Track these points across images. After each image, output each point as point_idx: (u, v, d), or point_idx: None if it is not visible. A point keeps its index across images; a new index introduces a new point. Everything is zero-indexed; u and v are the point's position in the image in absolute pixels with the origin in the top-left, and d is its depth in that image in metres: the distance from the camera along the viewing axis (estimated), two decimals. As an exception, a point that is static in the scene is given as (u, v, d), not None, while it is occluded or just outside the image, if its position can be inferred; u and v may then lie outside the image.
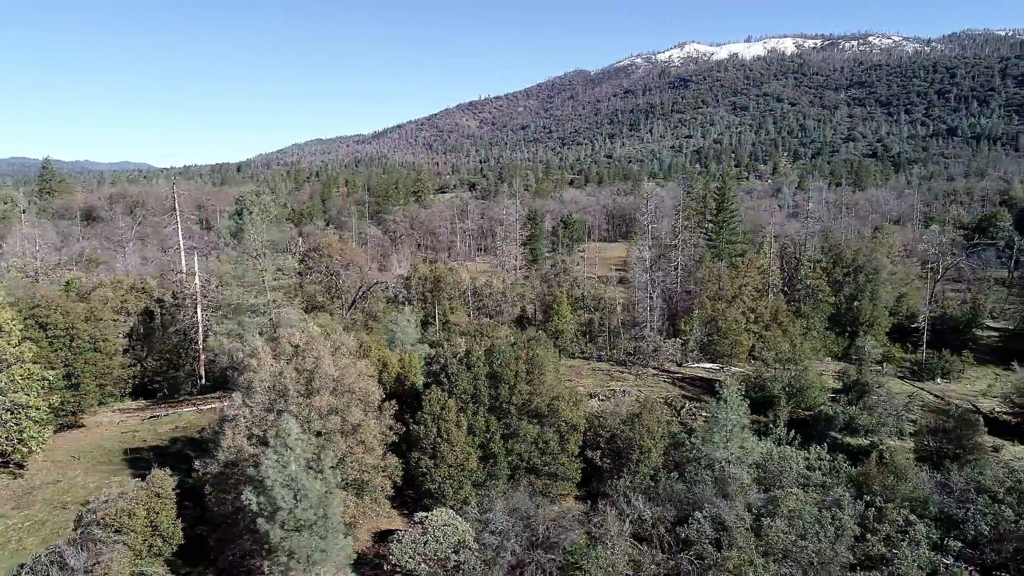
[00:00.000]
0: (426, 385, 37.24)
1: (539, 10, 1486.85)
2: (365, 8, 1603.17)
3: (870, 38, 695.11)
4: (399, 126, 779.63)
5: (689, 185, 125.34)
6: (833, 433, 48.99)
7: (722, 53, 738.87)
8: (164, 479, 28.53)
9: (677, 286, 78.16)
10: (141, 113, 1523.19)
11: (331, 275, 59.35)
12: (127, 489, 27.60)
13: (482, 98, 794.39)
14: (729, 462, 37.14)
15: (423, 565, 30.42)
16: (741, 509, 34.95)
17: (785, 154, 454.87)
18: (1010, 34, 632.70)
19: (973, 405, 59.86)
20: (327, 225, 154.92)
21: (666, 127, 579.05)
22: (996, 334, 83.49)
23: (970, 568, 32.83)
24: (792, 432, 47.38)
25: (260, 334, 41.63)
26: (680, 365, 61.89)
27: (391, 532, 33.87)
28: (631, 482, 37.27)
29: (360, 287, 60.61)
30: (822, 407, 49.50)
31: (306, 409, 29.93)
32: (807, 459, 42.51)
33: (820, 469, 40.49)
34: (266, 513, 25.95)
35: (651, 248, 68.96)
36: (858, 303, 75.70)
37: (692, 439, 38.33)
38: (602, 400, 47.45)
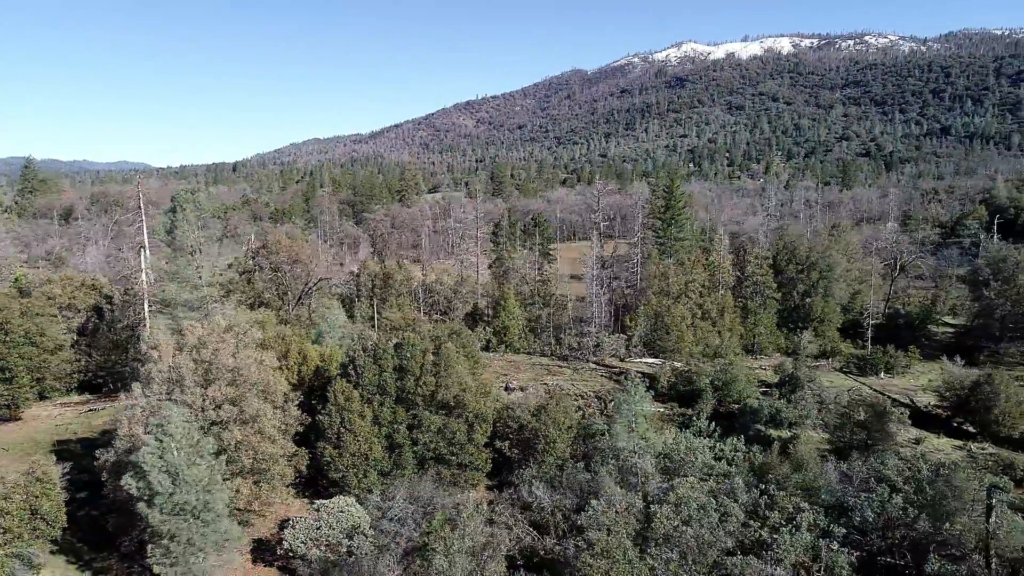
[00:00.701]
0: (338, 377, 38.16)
1: (537, 10, 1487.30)
2: (364, 8, 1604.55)
3: (866, 37, 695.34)
4: (396, 125, 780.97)
5: (656, 184, 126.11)
6: (758, 425, 49.89)
7: (719, 53, 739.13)
8: (48, 467, 29.50)
9: (637, 283, 79.15)
10: (140, 113, 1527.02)
11: (276, 272, 60.36)
12: (6, 475, 28.56)
13: (479, 98, 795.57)
14: (634, 452, 38.04)
15: (315, 550, 31.39)
16: (637, 497, 35.98)
17: (779, 153, 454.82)
18: (1006, 33, 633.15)
19: (910, 399, 60.80)
20: (307, 224, 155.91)
21: (661, 126, 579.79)
22: (952, 330, 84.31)
23: (856, 553, 33.73)
24: (718, 424, 48.48)
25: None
26: (623, 360, 62.81)
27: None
28: (537, 471, 38.30)
29: (306, 284, 61.76)
30: (748, 400, 50.39)
31: (201, 399, 30.88)
32: (720, 449, 43.54)
33: (727, 459, 41.47)
34: (145, 498, 26.94)
35: (603, 246, 69.75)
36: (810, 299, 76.57)
37: (600, 430, 39.27)
38: (524, 393, 48.39)
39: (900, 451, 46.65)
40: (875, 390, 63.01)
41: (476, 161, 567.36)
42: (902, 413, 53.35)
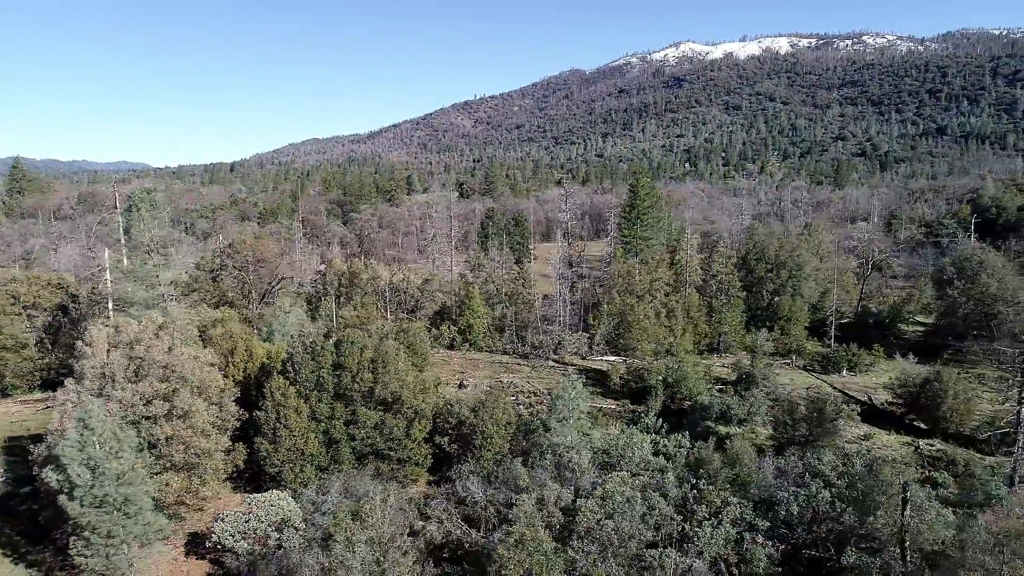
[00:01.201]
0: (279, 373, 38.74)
1: (536, 10, 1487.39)
2: (362, 8, 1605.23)
3: (864, 37, 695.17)
4: (395, 126, 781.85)
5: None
6: (708, 422, 50.39)
7: (717, 52, 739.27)
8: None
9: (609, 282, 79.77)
10: (140, 113, 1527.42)
11: (238, 270, 61.00)
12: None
13: (477, 98, 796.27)
14: (570, 448, 38.60)
15: (243, 543, 31.97)
16: (569, 491, 36.58)
17: (775, 153, 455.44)
18: (1004, 33, 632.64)
19: (869, 396, 61.34)
20: (292, 224, 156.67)
21: (658, 126, 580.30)
22: (923, 329, 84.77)
23: (781, 546, 34.30)
24: (669, 420, 49.17)
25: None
26: (584, 358, 63.36)
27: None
28: (475, 466, 38.86)
29: (270, 283, 62.37)
30: (698, 397, 50.94)
31: (132, 394, 31.47)
32: (663, 445, 44.12)
33: (664, 454, 42.05)
34: (66, 490, 27.54)
35: (571, 245, 70.30)
36: (779, 298, 77.13)
37: (539, 426, 39.84)
38: (467, 389, 48.98)
39: (847, 447, 47.31)
40: (835, 388, 63.58)
41: (474, 161, 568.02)
42: (852, 410, 54.01)
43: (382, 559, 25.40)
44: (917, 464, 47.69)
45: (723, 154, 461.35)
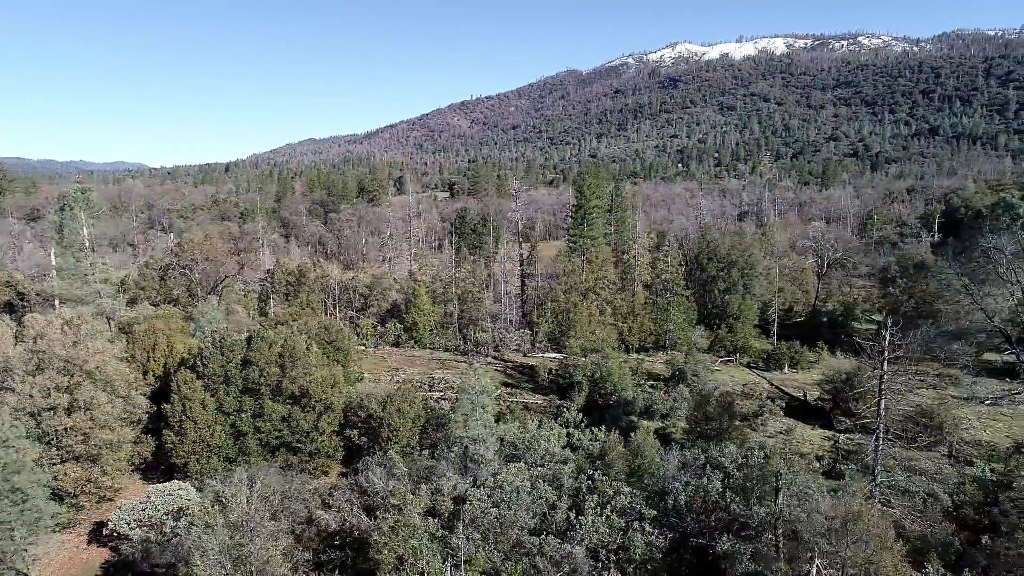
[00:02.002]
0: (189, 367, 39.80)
1: (532, 10, 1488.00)
2: (361, 8, 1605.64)
3: (860, 38, 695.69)
4: (391, 126, 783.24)
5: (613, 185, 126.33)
6: (632, 416, 51.43)
7: (713, 53, 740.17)
8: None
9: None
10: (138, 114, 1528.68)
11: (183, 269, 62.11)
12: None
13: (474, 98, 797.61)
14: (474, 440, 39.65)
15: (138, 530, 33.05)
16: (465, 482, 37.63)
17: (768, 154, 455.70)
18: (999, 33, 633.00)
19: (804, 392, 62.38)
20: (271, 223, 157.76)
21: (653, 127, 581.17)
22: (875, 327, 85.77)
23: (670, 534, 35.35)
24: (596, 415, 50.26)
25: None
26: (525, 355, 64.40)
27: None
28: (381, 458, 39.95)
29: (216, 281, 63.45)
30: (623, 392, 51.97)
31: (29, 387, 32.54)
32: (576, 438, 45.22)
33: (578, 447, 43.13)
34: (-50, 479, 28.65)
35: (521, 244, 71.35)
36: (729, 296, 78.18)
37: (447, 419, 40.90)
38: (383, 384, 50.11)
39: (767, 441, 48.30)
40: (772, 384, 64.78)
41: (469, 162, 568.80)
42: (777, 406, 55.34)
43: (246, 542, 26.43)
44: (831, 457, 48.88)
45: (716, 155, 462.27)
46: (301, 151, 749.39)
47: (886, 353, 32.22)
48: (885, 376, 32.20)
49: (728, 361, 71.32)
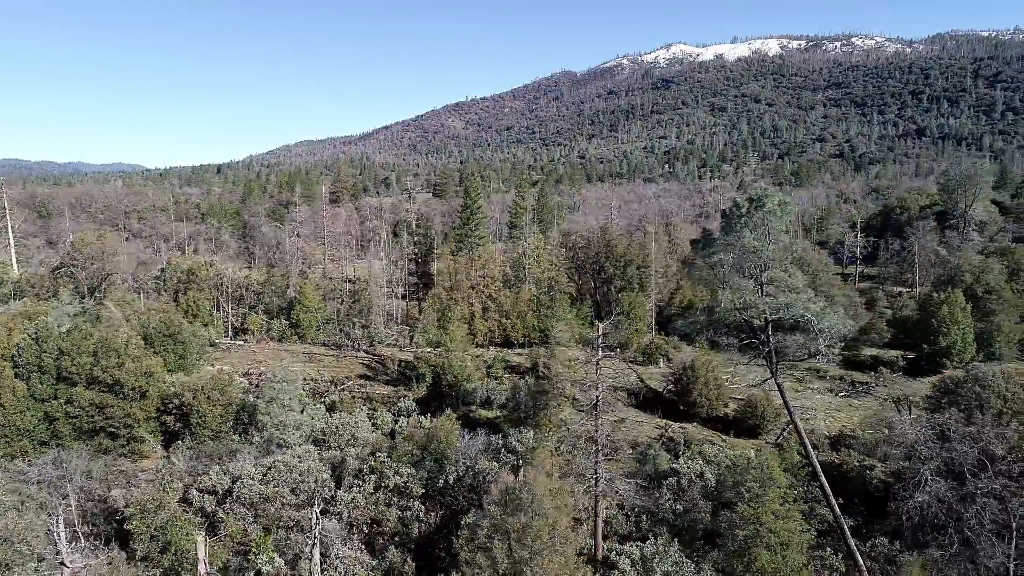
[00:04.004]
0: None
1: (528, 11, 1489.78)
2: (359, 8, 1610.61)
3: (853, 39, 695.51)
4: (386, 127, 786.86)
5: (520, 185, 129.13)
6: (472, 405, 54.23)
7: (708, 54, 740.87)
8: None
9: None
10: (137, 115, 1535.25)
11: (69, 267, 65.00)
12: None
13: (468, 99, 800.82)
14: (278, 426, 42.45)
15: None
16: (264, 463, 40.42)
17: (755, 155, 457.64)
18: (993, 34, 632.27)
19: (665, 384, 64.97)
20: (232, 225, 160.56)
21: (643, 128, 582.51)
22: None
23: (442, 512, 38.05)
24: (435, 404, 53.05)
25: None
26: (402, 350, 67.05)
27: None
28: (192, 443, 42.78)
29: (100, 279, 66.33)
30: (465, 384, 54.59)
31: None
32: (400, 425, 47.97)
33: (383, 432, 45.89)
34: None
35: (414, 244, 73.82)
36: (622, 294, 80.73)
37: (254, 407, 43.64)
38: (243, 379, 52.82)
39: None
40: (639, 376, 67.38)
41: (461, 163, 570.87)
42: (617, 397, 57.99)
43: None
44: (659, 442, 51.48)
45: (703, 155, 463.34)
46: (297, 152, 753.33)
47: (600, 341, 34.63)
48: (600, 364, 34.61)
49: (608, 356, 73.63)
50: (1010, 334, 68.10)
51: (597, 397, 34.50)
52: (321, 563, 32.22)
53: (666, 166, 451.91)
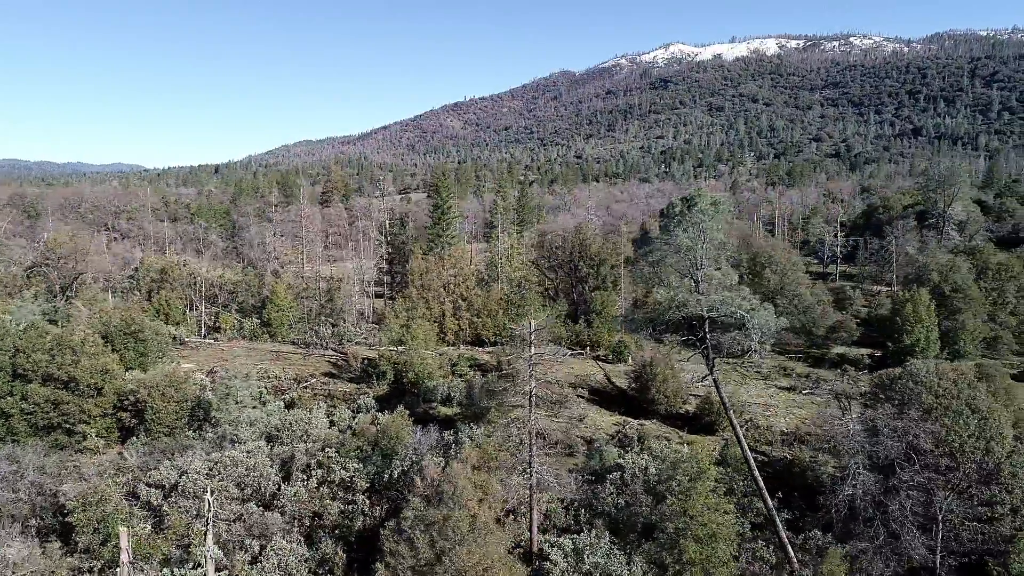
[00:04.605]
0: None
1: (528, 11, 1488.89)
2: (358, 9, 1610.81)
3: (851, 39, 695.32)
4: (385, 127, 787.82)
5: (498, 186, 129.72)
6: (434, 402, 54.94)
7: (706, 54, 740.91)
8: None
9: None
10: (137, 115, 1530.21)
11: (42, 266, 65.85)
12: None
13: (467, 99, 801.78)
14: (231, 423, 43.21)
15: None
16: (200, 458, 41.16)
17: (752, 154, 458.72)
18: (991, 34, 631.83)
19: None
20: (222, 225, 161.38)
21: (641, 127, 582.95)
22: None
23: (387, 505, 38.83)
24: (397, 401, 53.80)
25: None
26: (371, 348, 67.78)
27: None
28: (146, 439, 43.55)
29: (73, 278, 67.10)
30: (426, 381, 55.30)
31: None
32: (356, 421, 48.77)
33: (339, 428, 46.72)
34: None
35: (387, 243, 74.57)
36: (595, 293, 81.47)
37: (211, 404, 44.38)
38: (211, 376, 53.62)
39: (556, 425, 51.73)
40: (605, 374, 68.11)
41: (458, 163, 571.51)
42: (581, 393, 58.89)
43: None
44: (617, 438, 52.14)
45: (699, 155, 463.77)
46: (296, 152, 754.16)
47: (532, 338, 35.30)
48: (533, 360, 35.28)
49: (579, 354, 74.56)
50: (974, 332, 68.70)
51: (531, 392, 35.06)
52: (259, 554, 33.03)
53: (662, 166, 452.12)
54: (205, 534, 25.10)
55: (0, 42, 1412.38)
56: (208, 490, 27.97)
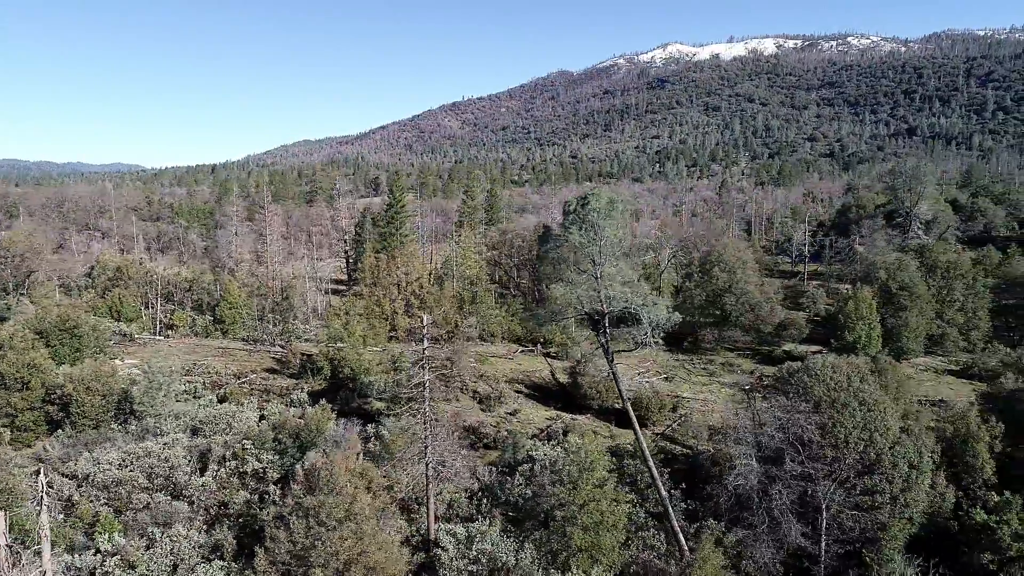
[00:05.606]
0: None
1: (526, 10, 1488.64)
2: (356, 9, 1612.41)
3: (849, 38, 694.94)
4: (383, 127, 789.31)
5: (467, 188, 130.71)
6: (370, 397, 55.99)
7: (704, 54, 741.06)
8: None
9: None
10: (136, 115, 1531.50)
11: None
12: None
13: (465, 99, 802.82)
14: (155, 416, 44.33)
15: None
16: (122, 449, 42.25)
17: (747, 154, 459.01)
18: (989, 33, 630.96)
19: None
20: (204, 225, 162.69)
21: (637, 127, 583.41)
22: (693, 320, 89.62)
23: (287, 491, 39.91)
24: (333, 396, 54.97)
25: None
26: (317, 344, 68.82)
27: None
28: (72, 431, 44.69)
29: (25, 276, 68.30)
30: (362, 376, 56.35)
31: None
32: (294, 414, 49.92)
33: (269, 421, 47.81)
34: None
35: (344, 242, 75.47)
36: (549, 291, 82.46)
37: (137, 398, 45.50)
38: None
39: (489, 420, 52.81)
40: (551, 371, 69.11)
41: (455, 162, 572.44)
42: (520, 388, 60.05)
43: None
44: (545, 434, 53.06)
45: (694, 155, 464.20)
46: (294, 152, 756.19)
47: (426, 332, 36.25)
48: (425, 353, 36.24)
49: (530, 351, 75.62)
50: (916, 329, 69.56)
51: (425, 383, 36.06)
52: (156, 540, 34.07)
53: (656, 166, 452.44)
54: (38, 514, 26.11)
55: (0, 42, 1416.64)
56: (41, 472, 29.13)
